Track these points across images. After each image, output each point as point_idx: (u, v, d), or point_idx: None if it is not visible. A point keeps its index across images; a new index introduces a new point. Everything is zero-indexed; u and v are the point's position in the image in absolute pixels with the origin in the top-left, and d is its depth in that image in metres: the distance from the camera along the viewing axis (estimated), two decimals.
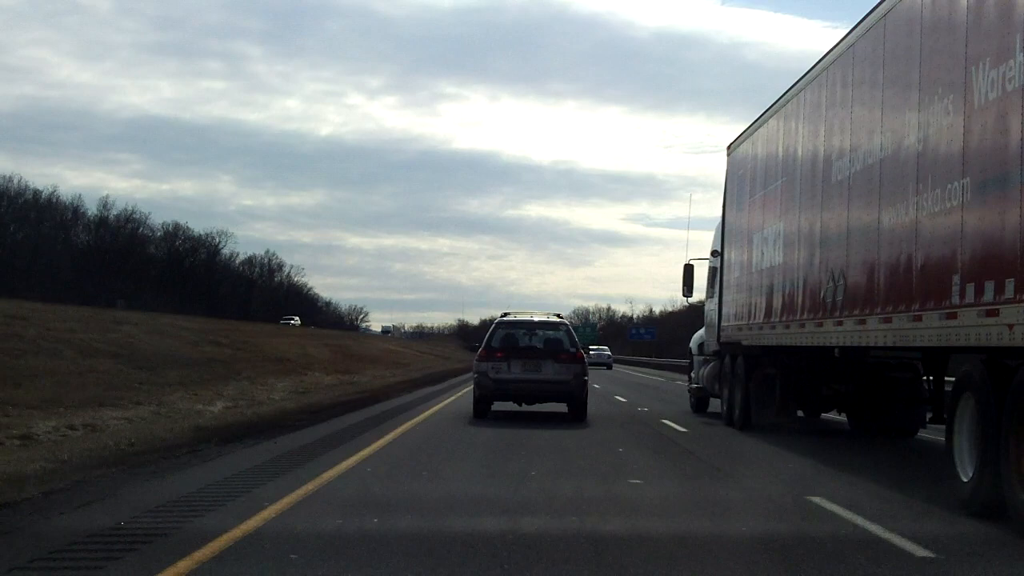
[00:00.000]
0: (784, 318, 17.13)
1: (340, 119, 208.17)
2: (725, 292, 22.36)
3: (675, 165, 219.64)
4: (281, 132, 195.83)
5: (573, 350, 21.33)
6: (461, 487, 11.30)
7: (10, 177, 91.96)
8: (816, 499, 10.67)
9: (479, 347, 22.12)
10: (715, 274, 25.39)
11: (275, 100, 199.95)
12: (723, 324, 22.34)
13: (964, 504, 9.99)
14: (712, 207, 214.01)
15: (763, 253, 18.88)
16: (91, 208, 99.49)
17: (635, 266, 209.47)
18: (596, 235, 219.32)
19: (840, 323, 14.01)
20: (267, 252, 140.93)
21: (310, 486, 10.65)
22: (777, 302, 17.67)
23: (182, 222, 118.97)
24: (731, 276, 21.78)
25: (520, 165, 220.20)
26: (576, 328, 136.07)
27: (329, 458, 13.16)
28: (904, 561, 7.82)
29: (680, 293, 27.28)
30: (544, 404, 21.67)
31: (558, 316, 23.26)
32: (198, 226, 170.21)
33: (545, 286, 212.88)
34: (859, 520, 9.39)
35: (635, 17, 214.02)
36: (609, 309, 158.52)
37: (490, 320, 30.14)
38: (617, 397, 33.03)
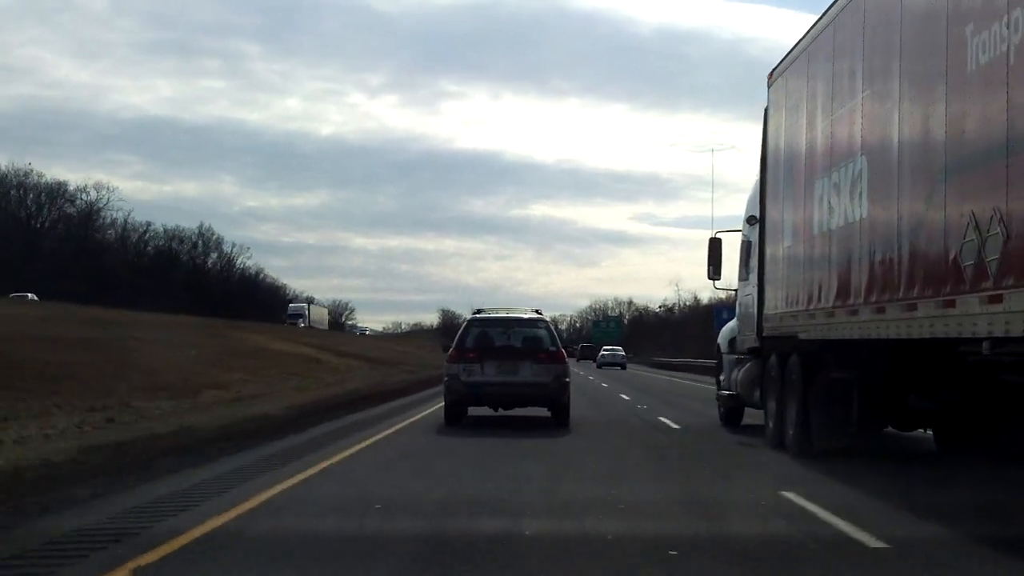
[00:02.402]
0: (875, 298, 11.49)
1: (341, 118, 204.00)
2: (769, 269, 16.76)
3: (680, 163, 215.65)
4: (282, 132, 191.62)
5: (553, 349, 19.80)
6: None
7: None
8: None
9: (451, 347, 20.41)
10: (750, 249, 19.80)
11: (275, 99, 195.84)
12: (767, 312, 16.75)
13: None
14: (718, 207, 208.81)
15: (831, 207, 13.26)
16: None
17: (643, 266, 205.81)
18: (602, 235, 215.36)
19: (996, 299, 8.40)
20: (202, 226, 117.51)
21: None
22: (860, 276, 12.02)
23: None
24: (778, 247, 16.15)
25: (524, 164, 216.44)
26: (598, 324, 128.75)
27: None
28: None
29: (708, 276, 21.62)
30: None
31: (537, 312, 21.40)
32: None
33: (552, 286, 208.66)
34: None
35: (636, 13, 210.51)
36: (631, 304, 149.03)
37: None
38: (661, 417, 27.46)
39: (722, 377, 21.63)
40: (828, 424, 13.91)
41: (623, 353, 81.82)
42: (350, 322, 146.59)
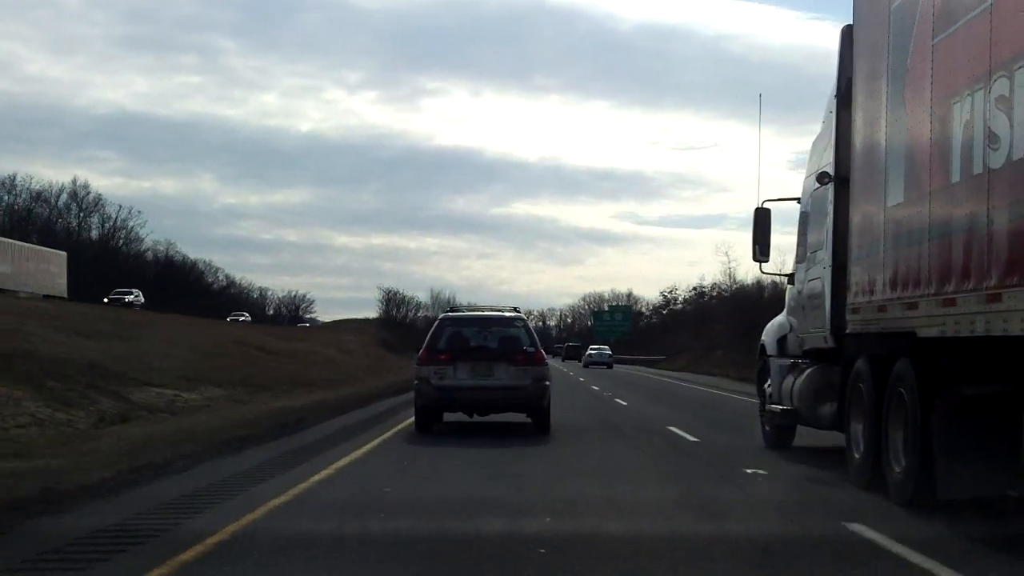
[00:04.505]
0: None
1: (320, 115, 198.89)
2: (859, 241, 12.12)
3: (663, 162, 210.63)
4: (261, 128, 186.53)
5: (531, 350, 18.66)
6: None
7: None
8: None
9: (420, 348, 19.11)
10: (811, 220, 15.29)
11: (252, 95, 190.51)
12: (854, 301, 12.16)
13: None
14: (702, 205, 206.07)
15: (992, 136, 8.64)
16: None
17: (626, 265, 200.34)
18: (585, 233, 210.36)
19: None
20: (75, 182, 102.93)
21: None
22: None
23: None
24: (877, 208, 11.43)
25: (506, 162, 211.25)
26: (600, 316, 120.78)
27: None
28: None
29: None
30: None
31: (515, 310, 20.37)
32: (188, 232, 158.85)
33: (536, 285, 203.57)
34: None
35: (617, 9, 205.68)
36: (630, 296, 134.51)
37: None
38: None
39: (768, 387, 17.09)
40: (968, 462, 9.37)
41: (610, 352, 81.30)
42: (310, 315, 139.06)
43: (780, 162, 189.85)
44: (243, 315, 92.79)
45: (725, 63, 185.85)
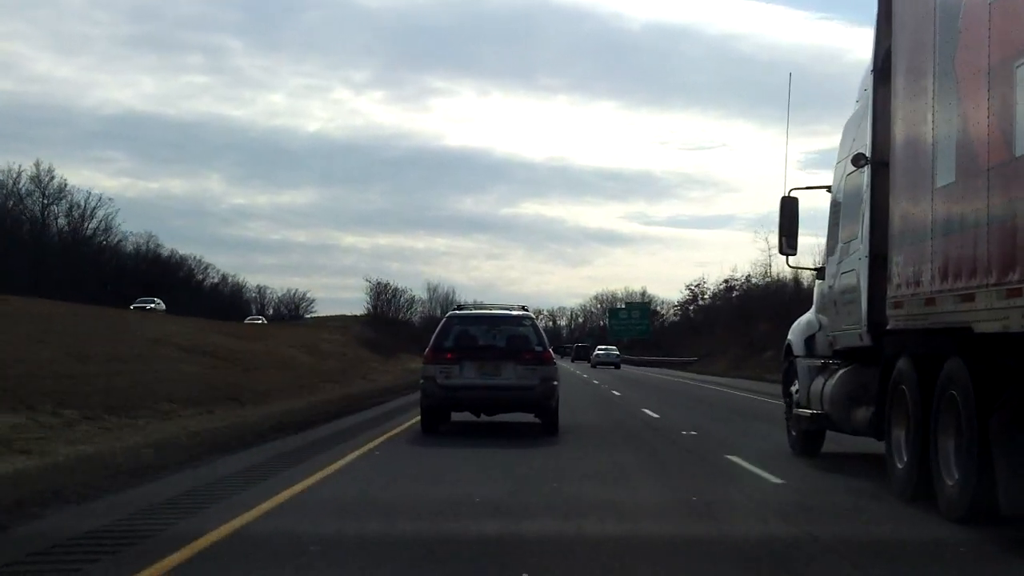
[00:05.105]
0: None
1: (327, 115, 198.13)
2: (902, 227, 10.96)
3: (671, 162, 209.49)
4: (268, 128, 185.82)
5: (540, 349, 18.46)
6: None
7: None
8: None
9: (427, 347, 18.97)
10: (843, 210, 14.18)
11: (259, 95, 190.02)
12: (896, 294, 11.00)
13: None
14: (711, 206, 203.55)
15: None
16: None
17: (635, 266, 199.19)
18: (593, 234, 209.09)
19: None
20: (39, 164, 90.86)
21: None
22: None
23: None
24: (923, 192, 10.30)
25: (513, 162, 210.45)
26: (616, 313, 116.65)
27: None
28: None
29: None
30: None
31: (523, 308, 20.13)
32: (197, 233, 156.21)
33: (546, 285, 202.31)
34: None
35: (624, 8, 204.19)
36: (644, 294, 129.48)
37: None
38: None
39: (795, 389, 15.94)
40: None
41: (617, 353, 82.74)
42: (310, 315, 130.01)
43: (789, 162, 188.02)
44: (153, 302, 73.11)
45: (733, 62, 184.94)
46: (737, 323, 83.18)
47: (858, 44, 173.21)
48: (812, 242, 37.67)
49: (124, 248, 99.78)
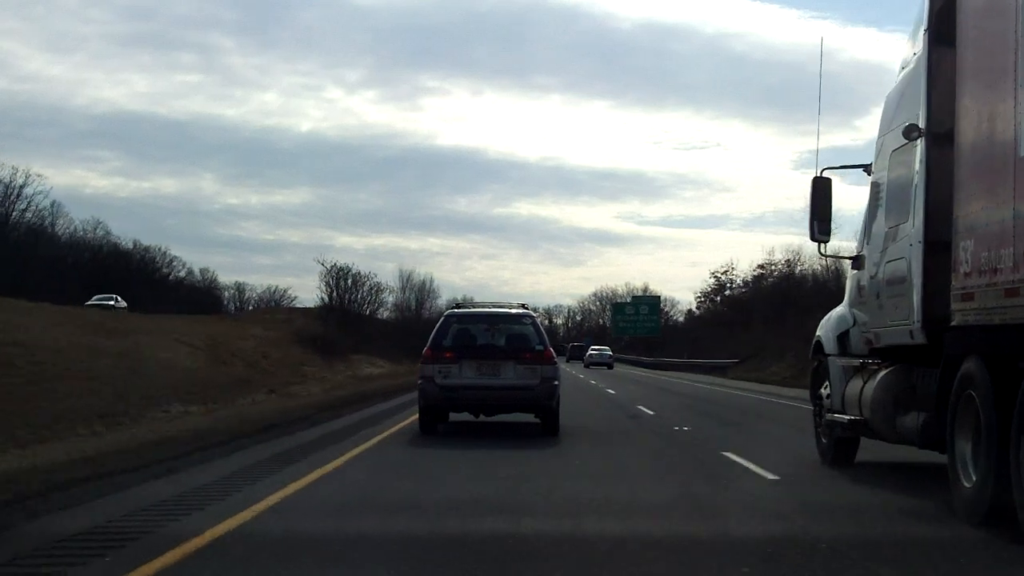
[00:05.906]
0: None
1: (320, 114, 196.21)
2: (969, 208, 9.33)
3: (665, 162, 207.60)
4: (261, 128, 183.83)
5: (540, 348, 18.21)
6: None
7: None
8: None
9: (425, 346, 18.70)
10: (879, 191, 12.66)
11: (252, 94, 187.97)
12: (964, 284, 9.37)
13: None
14: (705, 206, 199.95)
15: None
16: None
17: (630, 265, 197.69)
18: (587, 234, 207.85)
19: None
20: None
21: None
22: None
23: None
24: (1000, 161, 8.61)
25: (507, 162, 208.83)
26: (622, 309, 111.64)
27: None
28: None
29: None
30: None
31: (523, 306, 19.96)
32: (189, 233, 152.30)
33: (539, 285, 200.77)
34: None
35: (617, 8, 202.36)
36: (647, 290, 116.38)
37: None
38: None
39: (825, 391, 14.38)
40: None
41: (610, 352, 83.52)
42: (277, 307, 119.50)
43: (783, 162, 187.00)
44: (113, 299, 63.91)
45: (727, 61, 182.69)
46: (778, 318, 67.47)
47: (852, 43, 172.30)
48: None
49: (60, 238, 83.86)
